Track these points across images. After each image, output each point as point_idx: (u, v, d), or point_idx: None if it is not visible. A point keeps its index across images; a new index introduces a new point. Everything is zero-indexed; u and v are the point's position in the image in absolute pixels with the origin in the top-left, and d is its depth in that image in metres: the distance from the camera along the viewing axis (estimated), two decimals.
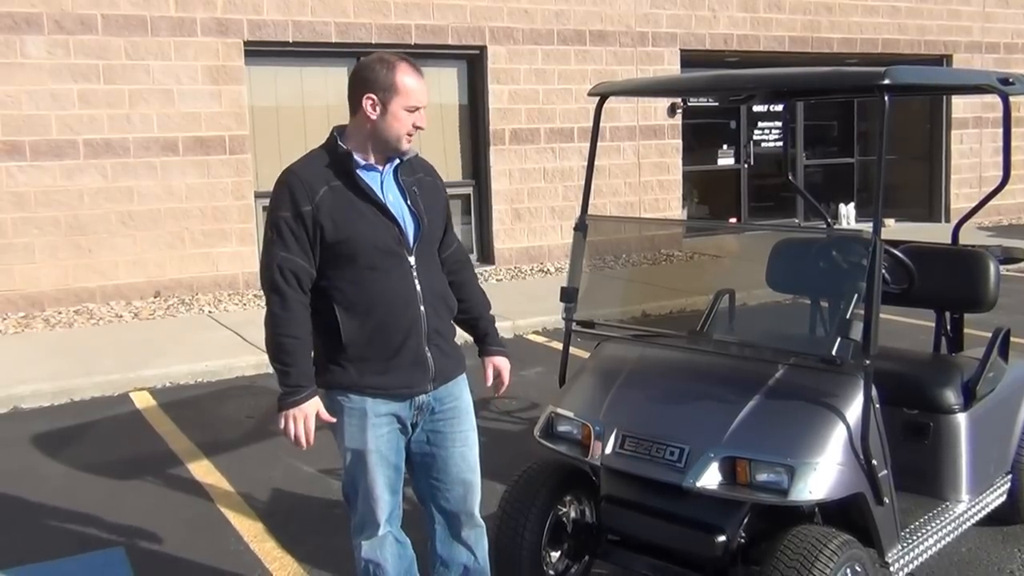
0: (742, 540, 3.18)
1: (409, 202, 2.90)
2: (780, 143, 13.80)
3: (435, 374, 2.93)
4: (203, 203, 9.32)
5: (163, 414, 6.15)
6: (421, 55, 10.31)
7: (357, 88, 2.83)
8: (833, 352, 3.11)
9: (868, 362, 3.00)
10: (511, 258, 11.00)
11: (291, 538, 4.27)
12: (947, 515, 3.65)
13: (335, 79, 9.99)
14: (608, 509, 3.39)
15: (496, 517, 3.42)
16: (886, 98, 3.08)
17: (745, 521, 3.17)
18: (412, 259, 2.88)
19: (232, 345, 7.53)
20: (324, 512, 4.59)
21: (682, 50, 11.83)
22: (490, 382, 3.20)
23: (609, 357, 3.64)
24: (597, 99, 3.85)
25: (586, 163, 3.85)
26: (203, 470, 5.14)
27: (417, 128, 2.86)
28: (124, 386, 6.71)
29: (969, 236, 7.51)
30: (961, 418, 3.75)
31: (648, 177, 11.83)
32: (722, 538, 3.12)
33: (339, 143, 2.85)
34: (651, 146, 11.80)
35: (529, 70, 10.79)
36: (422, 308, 2.88)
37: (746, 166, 13.42)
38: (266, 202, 9.86)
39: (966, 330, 4.57)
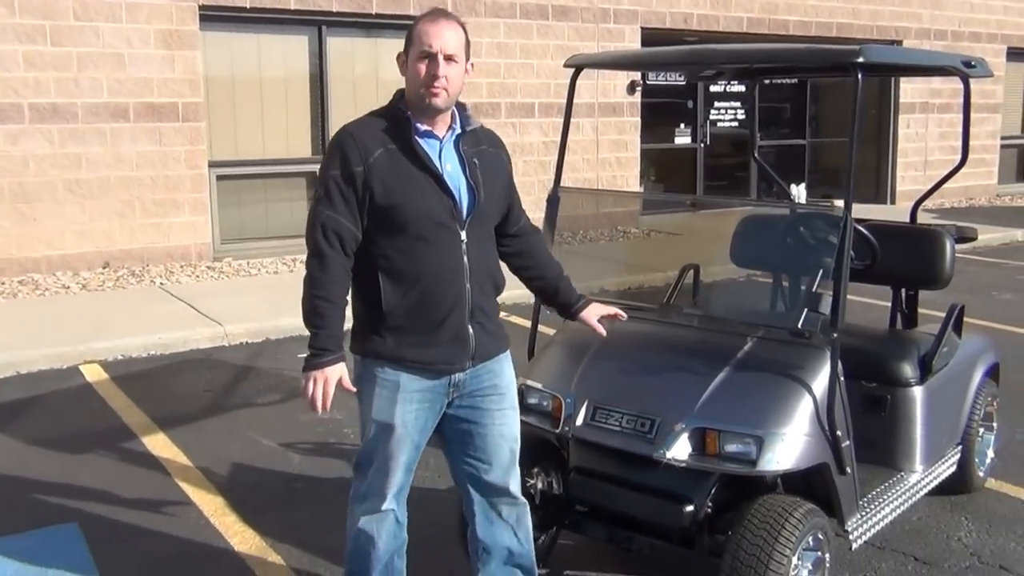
0: (709, 510, 3.22)
1: (468, 174, 2.78)
2: (736, 123, 13.91)
3: (475, 351, 2.84)
4: (154, 172, 9.12)
5: (116, 387, 6.03)
6: (382, 25, 10.21)
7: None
8: (800, 325, 3.15)
9: (835, 335, 3.05)
10: None
11: (252, 512, 4.22)
12: (902, 485, 3.74)
13: (294, 48, 9.84)
14: (577, 480, 3.41)
15: None
16: (859, 76, 3.11)
17: (713, 491, 3.21)
18: (463, 233, 2.77)
19: (186, 317, 7.41)
20: (285, 486, 4.54)
21: (643, 28, 11.85)
22: (604, 332, 3.20)
23: (579, 330, 3.64)
24: (572, 72, 3.83)
25: (555, 137, 3.84)
26: (159, 444, 5.05)
27: (434, 77, 2.68)
28: (74, 359, 6.56)
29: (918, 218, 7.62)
30: (917, 391, 3.83)
31: (606, 154, 11.86)
32: (690, 508, 3.15)
33: (400, 106, 2.76)
34: (610, 123, 11.81)
35: (491, 43, 10.71)
36: (468, 284, 2.78)
37: (702, 145, 13.51)
38: (220, 171, 9.81)
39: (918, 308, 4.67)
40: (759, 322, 3.49)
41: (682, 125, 13.35)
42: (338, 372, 2.73)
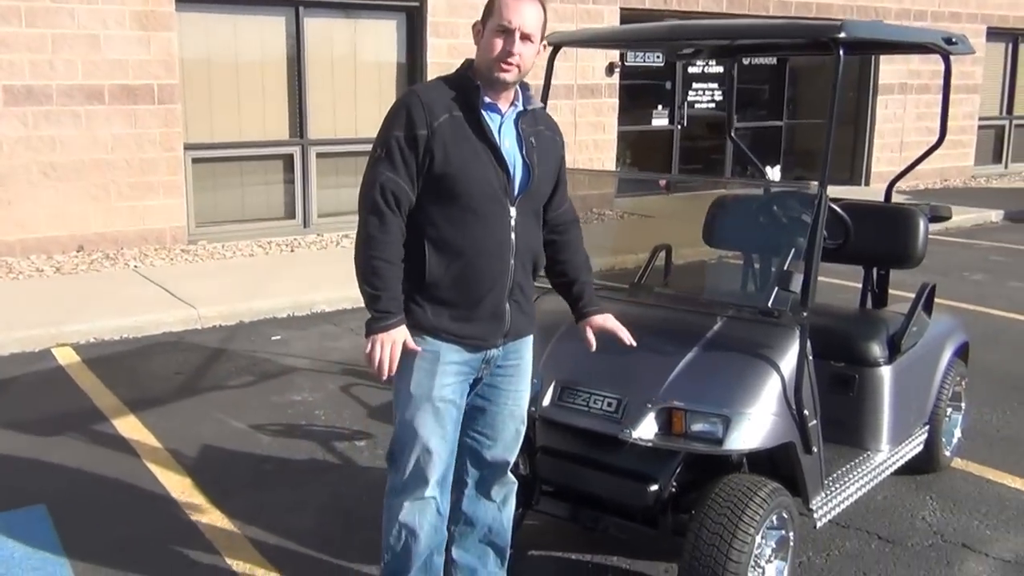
0: (674, 489, 3.23)
1: (524, 152, 2.76)
2: (713, 105, 13.90)
3: (509, 329, 2.82)
4: (129, 154, 9.04)
5: (87, 370, 6.00)
6: (358, 7, 10.12)
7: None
8: (770, 304, 3.16)
9: (805, 315, 3.06)
10: None
11: (221, 493, 4.22)
12: (868, 464, 3.77)
13: (271, 30, 9.74)
14: (543, 460, 3.41)
15: None
16: (840, 53, 3.10)
17: (677, 471, 3.22)
18: (513, 210, 2.75)
19: (159, 300, 7.36)
20: (255, 467, 4.54)
21: (622, 8, 11.80)
22: (593, 346, 3.03)
23: (548, 311, 3.64)
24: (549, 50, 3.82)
25: None
26: (129, 426, 5.03)
27: (509, 54, 2.63)
28: (46, 342, 6.51)
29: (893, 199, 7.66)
30: (885, 371, 3.85)
31: (584, 136, 11.83)
32: (654, 487, 3.16)
33: (469, 75, 2.72)
34: (588, 105, 11.78)
35: (469, 24, 10.60)
36: (512, 261, 2.76)
37: (679, 127, 13.50)
38: (196, 154, 9.73)
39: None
40: (729, 301, 3.50)
41: (659, 107, 13.32)
42: (403, 334, 2.67)
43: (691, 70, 13.52)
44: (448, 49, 10.54)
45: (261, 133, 9.86)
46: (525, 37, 2.66)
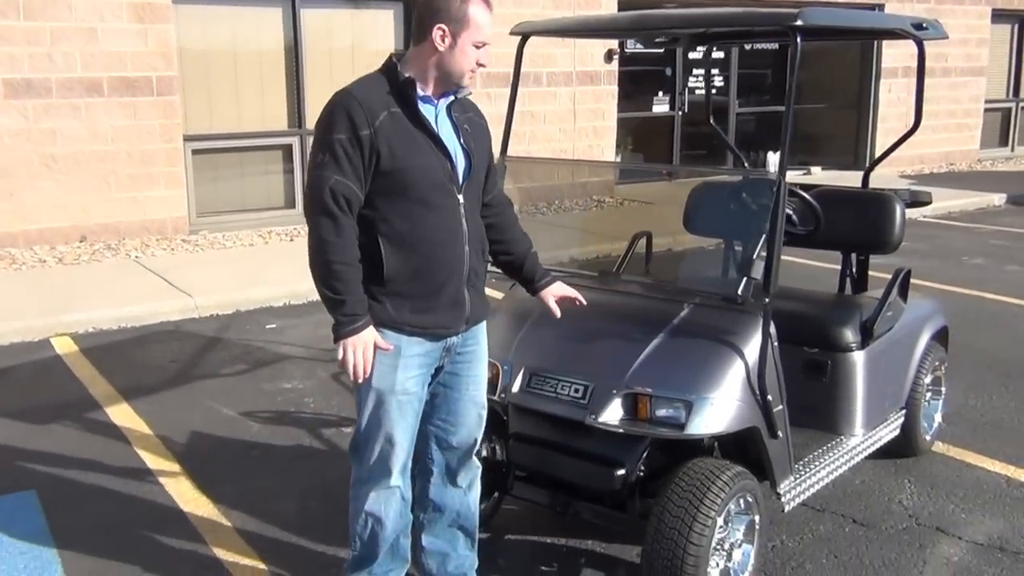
0: (641, 474, 3.28)
1: (462, 139, 2.84)
2: (714, 91, 13.88)
3: (469, 315, 2.89)
4: (129, 146, 9.12)
5: (84, 359, 6.09)
6: None
7: (428, 16, 2.72)
8: (739, 291, 3.19)
9: (767, 301, 3.09)
10: None
11: (208, 479, 4.29)
12: (840, 448, 3.80)
13: (269, 20, 9.79)
14: (515, 446, 3.47)
15: None
16: (798, 40, 3.12)
17: (645, 456, 3.26)
18: (461, 197, 2.82)
19: (158, 290, 7.45)
20: (242, 453, 4.61)
21: None
22: (558, 313, 3.16)
23: (521, 299, 3.69)
24: (526, 41, 3.86)
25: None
26: (122, 414, 5.11)
27: (480, 66, 2.78)
28: (45, 331, 6.60)
29: (892, 183, 7.70)
30: (858, 356, 3.88)
31: (583, 123, 11.84)
32: (621, 472, 3.21)
33: (400, 70, 2.75)
34: (587, 92, 11.78)
35: None
36: (467, 248, 2.83)
37: (680, 113, 13.49)
38: (196, 145, 9.78)
39: (869, 272, 4.71)
40: (696, 288, 3.53)
41: (660, 93, 13.32)
42: (373, 334, 2.71)
43: (692, 56, 13.49)
44: None
45: (260, 123, 9.92)
46: (487, 47, 2.79)
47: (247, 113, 9.86)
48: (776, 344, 3.24)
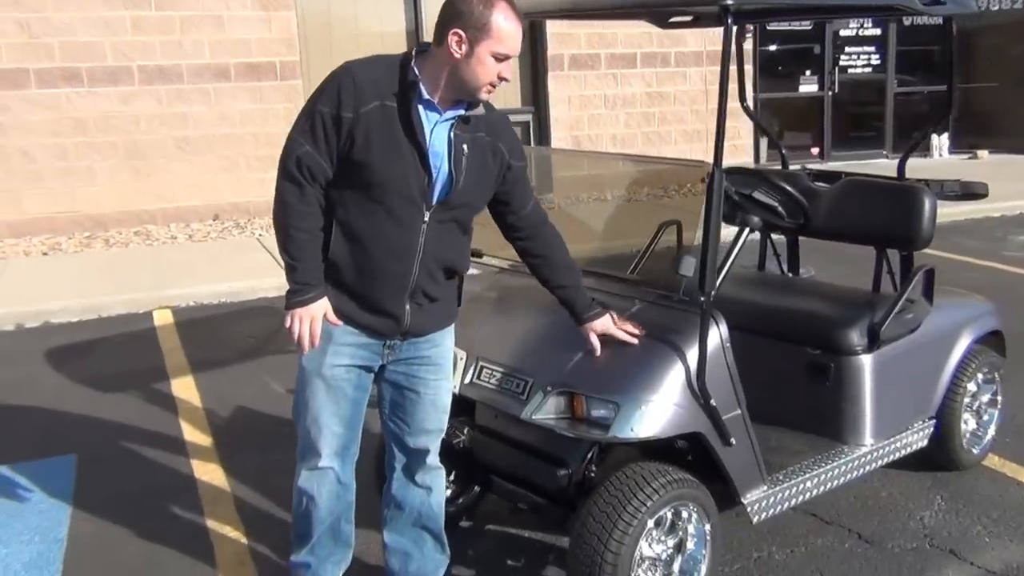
0: (592, 474, 3.16)
1: (452, 159, 2.65)
2: (869, 69, 13.06)
3: (408, 327, 2.77)
4: (256, 129, 9.59)
5: (174, 332, 6.47)
6: None
7: (446, 19, 2.57)
8: (682, 290, 3.02)
9: (703, 299, 2.89)
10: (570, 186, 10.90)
11: (230, 452, 4.47)
12: (841, 458, 3.51)
13: (389, 3, 10.02)
14: (476, 438, 3.42)
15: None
16: (729, 22, 2.89)
17: (592, 456, 3.14)
18: (427, 215, 2.66)
19: (263, 267, 7.81)
20: (274, 429, 4.77)
21: None
22: (598, 351, 3.01)
23: (490, 288, 3.63)
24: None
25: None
26: (182, 386, 5.40)
27: (502, 79, 2.59)
28: (149, 304, 7.07)
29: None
30: (865, 360, 3.57)
31: (716, 104, 11.42)
32: (564, 471, 3.10)
33: (412, 67, 2.61)
34: (718, 72, 11.35)
35: None
36: (416, 267, 2.69)
37: (830, 93, 12.78)
38: None
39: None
40: (644, 284, 3.34)
41: (807, 72, 12.67)
42: (323, 307, 2.66)
43: (843, 33, 12.77)
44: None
45: None
46: (511, 59, 2.62)
47: None
48: (728, 345, 3.02)
